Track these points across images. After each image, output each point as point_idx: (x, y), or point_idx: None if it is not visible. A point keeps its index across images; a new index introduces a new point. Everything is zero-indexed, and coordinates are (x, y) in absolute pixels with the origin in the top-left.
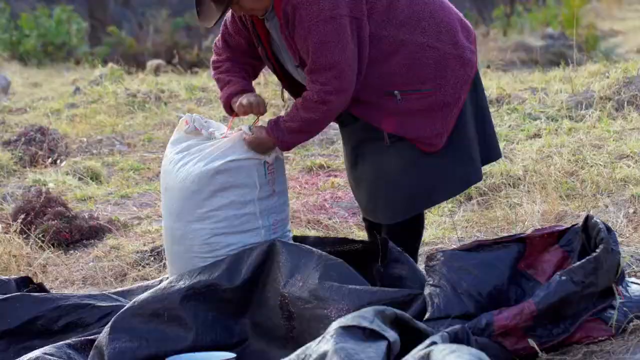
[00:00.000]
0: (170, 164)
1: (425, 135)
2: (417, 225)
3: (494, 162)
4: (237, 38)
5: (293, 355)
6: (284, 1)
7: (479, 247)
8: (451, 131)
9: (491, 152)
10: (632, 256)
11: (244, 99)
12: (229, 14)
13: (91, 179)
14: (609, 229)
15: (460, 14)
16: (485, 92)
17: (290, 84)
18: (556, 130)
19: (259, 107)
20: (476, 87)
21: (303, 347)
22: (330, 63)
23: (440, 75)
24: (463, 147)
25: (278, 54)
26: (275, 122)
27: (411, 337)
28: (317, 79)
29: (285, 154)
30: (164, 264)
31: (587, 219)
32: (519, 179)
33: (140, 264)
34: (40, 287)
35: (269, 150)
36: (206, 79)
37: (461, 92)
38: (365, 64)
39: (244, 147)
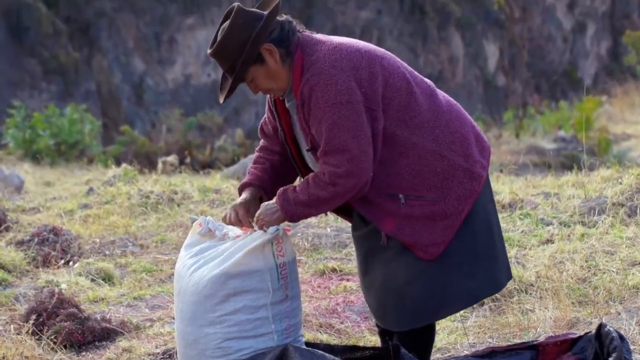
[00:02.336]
0: (184, 269)
1: (422, 242)
2: (428, 331)
3: None
4: (269, 125)
5: None
6: (302, 82)
7: (491, 353)
8: (458, 245)
9: (509, 270)
10: None
11: (232, 209)
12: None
13: (104, 280)
14: (621, 337)
15: (477, 127)
16: (498, 196)
17: (307, 172)
18: (569, 236)
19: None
20: (488, 201)
21: None
22: (343, 146)
23: (446, 185)
24: (469, 261)
25: (298, 138)
26: (284, 191)
27: None
28: (329, 161)
29: (298, 257)
30: None
31: (600, 327)
32: (531, 284)
33: None
34: None
35: (276, 219)
36: (219, 180)
37: (465, 205)
38: (378, 156)
39: (257, 251)
